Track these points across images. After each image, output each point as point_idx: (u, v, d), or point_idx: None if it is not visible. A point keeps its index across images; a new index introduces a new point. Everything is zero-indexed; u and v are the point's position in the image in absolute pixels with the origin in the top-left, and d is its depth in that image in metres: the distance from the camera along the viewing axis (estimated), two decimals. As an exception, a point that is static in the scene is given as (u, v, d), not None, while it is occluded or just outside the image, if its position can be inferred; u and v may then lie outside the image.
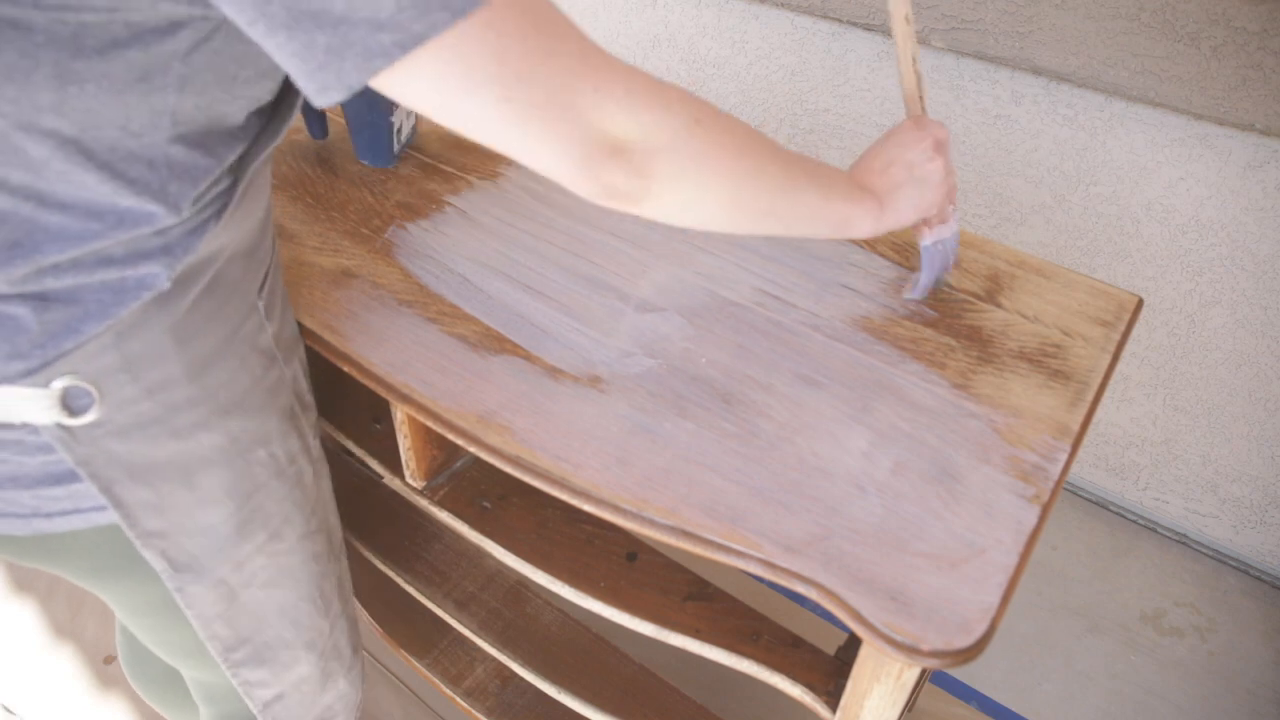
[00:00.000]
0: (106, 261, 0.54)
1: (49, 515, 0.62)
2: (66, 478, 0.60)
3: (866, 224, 0.69)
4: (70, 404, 0.56)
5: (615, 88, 0.51)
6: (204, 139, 0.54)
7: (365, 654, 1.08)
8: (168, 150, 0.52)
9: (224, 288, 0.63)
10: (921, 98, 0.77)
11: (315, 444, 0.79)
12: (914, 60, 0.74)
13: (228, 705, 0.94)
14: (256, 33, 0.45)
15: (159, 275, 0.56)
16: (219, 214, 0.58)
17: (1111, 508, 1.69)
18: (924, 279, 0.81)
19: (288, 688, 0.85)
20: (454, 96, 0.48)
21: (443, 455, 0.89)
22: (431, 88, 0.47)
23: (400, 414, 0.81)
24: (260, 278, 0.67)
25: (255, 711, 0.85)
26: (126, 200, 0.52)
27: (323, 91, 0.46)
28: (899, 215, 0.72)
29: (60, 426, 0.56)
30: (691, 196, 0.57)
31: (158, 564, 0.66)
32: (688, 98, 0.56)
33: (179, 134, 0.52)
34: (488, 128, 0.50)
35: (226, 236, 0.61)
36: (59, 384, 0.55)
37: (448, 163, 1.01)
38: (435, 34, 0.44)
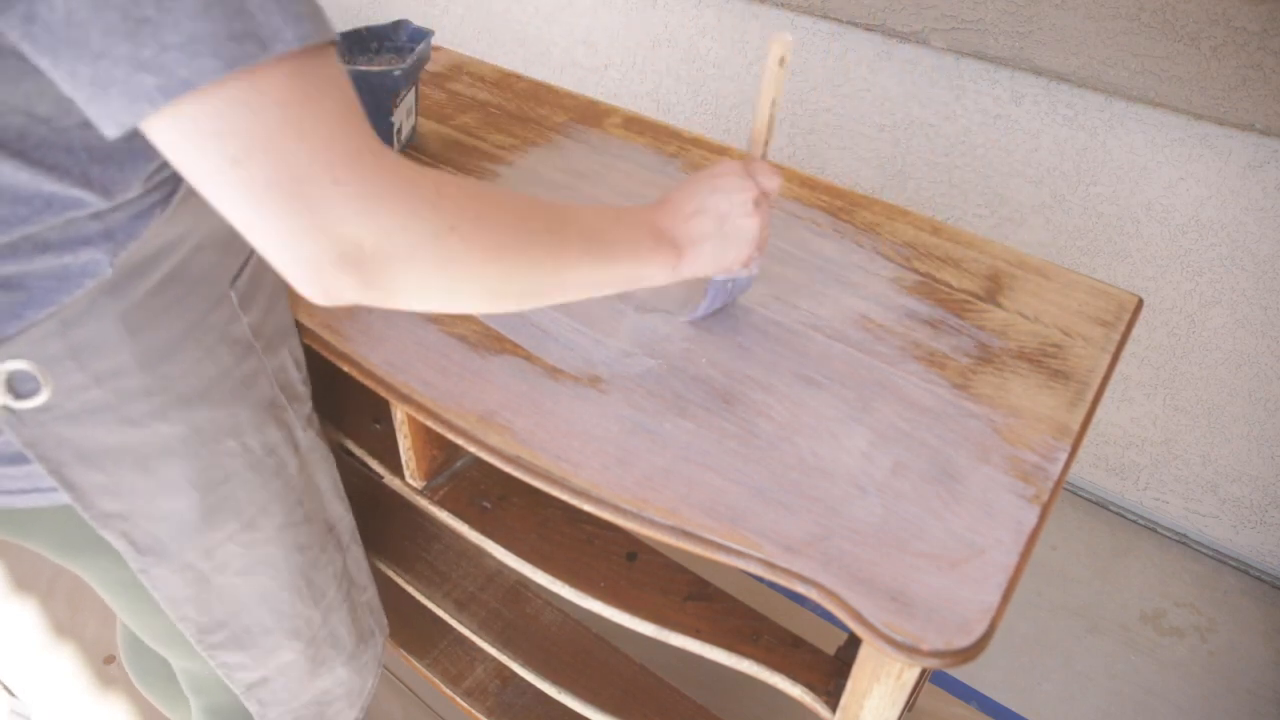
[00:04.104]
0: (43, 247, 0.53)
1: (10, 493, 0.62)
2: (20, 458, 0.60)
3: (659, 279, 0.67)
4: (16, 388, 0.56)
5: (359, 184, 0.46)
6: None
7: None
8: (83, 136, 0.51)
9: (189, 278, 0.62)
10: (767, 142, 0.73)
11: (306, 435, 0.78)
12: (773, 104, 0.71)
13: (215, 696, 0.93)
14: (27, 52, 0.43)
15: (101, 262, 0.55)
16: (166, 200, 0.57)
17: (1111, 508, 1.69)
18: (704, 307, 0.78)
19: (271, 672, 0.84)
20: (195, 150, 0.44)
21: (443, 455, 0.89)
22: (182, 138, 0.44)
23: (400, 414, 0.81)
24: (236, 268, 0.66)
25: (238, 694, 0.84)
26: (49, 186, 0.51)
27: (101, 121, 0.44)
28: (697, 268, 0.69)
29: (7, 409, 0.56)
30: (439, 300, 0.53)
31: (119, 544, 0.66)
32: (447, 198, 0.51)
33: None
34: (219, 192, 0.46)
35: (184, 224, 0.60)
36: (3, 368, 0.55)
37: (447, 163, 1.01)
38: (202, 82, 0.42)
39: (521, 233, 0.55)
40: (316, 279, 0.48)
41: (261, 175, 0.44)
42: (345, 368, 0.77)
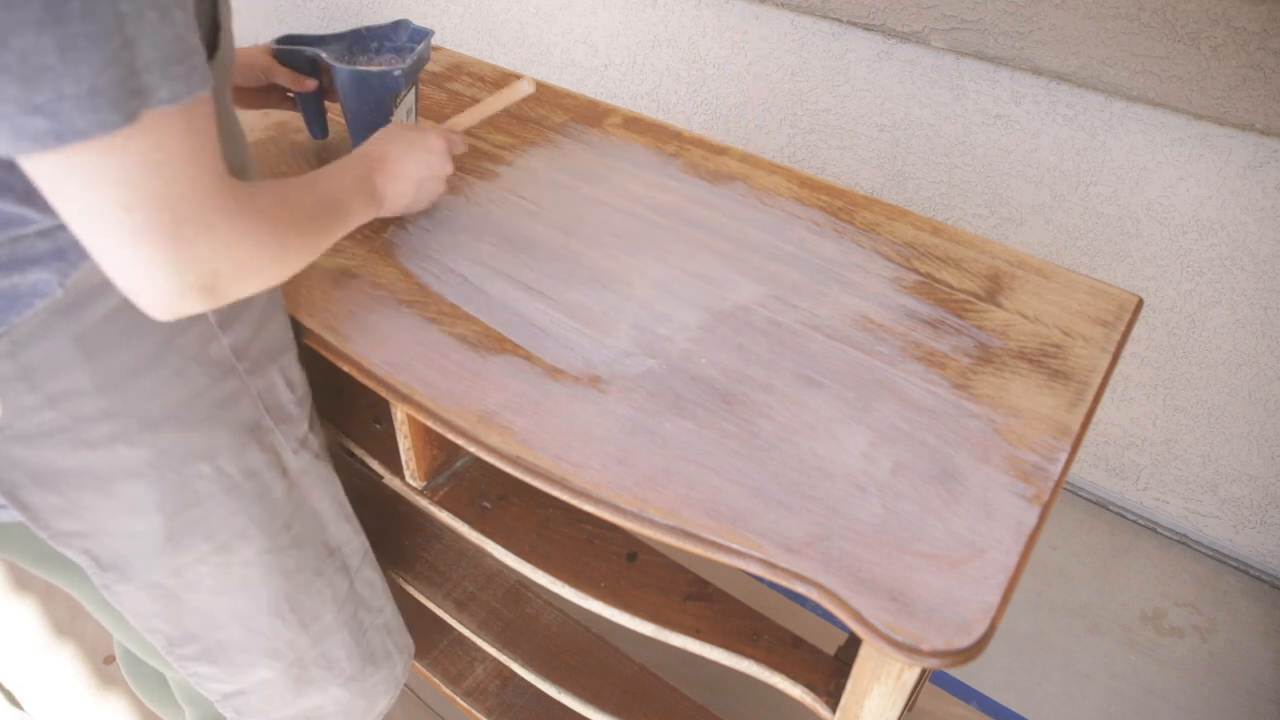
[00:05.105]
0: None
1: None
2: None
3: (364, 220, 0.76)
4: None
5: (226, 225, 0.52)
6: None
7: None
8: None
9: None
10: (468, 128, 0.90)
11: (299, 457, 0.77)
12: (498, 111, 0.95)
13: (210, 708, 0.93)
14: None
15: (50, 282, 0.55)
16: None
17: (1111, 508, 1.69)
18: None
19: (247, 687, 0.82)
20: (85, 193, 0.46)
21: (443, 455, 0.89)
22: (69, 180, 0.46)
23: (400, 414, 0.81)
24: None
25: (213, 702, 0.82)
26: None
27: None
28: (389, 212, 0.81)
29: None
30: (249, 292, 0.59)
31: (80, 560, 0.65)
32: (276, 220, 0.57)
33: None
34: (98, 229, 0.48)
35: None
36: None
37: (448, 163, 1.01)
38: (100, 133, 0.44)
39: (308, 226, 0.63)
40: (169, 304, 0.52)
41: (148, 220, 0.48)
42: (345, 368, 0.77)
